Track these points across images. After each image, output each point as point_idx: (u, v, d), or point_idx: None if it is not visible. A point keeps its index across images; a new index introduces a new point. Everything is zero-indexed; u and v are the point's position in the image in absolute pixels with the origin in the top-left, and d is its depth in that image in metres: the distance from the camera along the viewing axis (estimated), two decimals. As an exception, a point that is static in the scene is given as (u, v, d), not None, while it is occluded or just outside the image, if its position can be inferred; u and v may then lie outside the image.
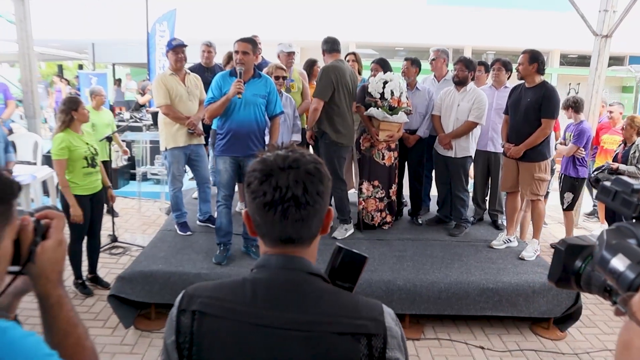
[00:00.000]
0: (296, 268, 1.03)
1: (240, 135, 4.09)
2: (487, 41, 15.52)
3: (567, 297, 3.98)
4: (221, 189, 4.24)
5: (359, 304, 1.03)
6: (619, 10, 6.20)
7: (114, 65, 20.00)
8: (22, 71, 7.47)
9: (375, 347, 0.98)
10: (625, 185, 0.81)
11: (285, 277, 1.02)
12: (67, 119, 4.05)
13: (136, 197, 6.95)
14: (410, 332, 3.90)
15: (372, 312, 1.02)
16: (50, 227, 0.99)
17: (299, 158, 1.01)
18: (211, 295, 1.03)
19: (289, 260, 1.04)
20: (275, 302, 1.00)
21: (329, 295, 1.03)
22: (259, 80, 4.14)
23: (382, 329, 1.00)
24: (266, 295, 1.01)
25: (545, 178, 4.57)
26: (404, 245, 4.71)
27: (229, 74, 4.14)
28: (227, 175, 4.19)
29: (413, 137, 5.16)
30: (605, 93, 7.82)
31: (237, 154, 4.13)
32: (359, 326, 0.98)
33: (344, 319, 0.99)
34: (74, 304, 1.02)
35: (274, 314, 0.98)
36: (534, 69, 4.37)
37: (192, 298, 1.04)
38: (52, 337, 0.97)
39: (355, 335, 0.98)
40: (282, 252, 1.04)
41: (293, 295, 1.00)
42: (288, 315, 0.98)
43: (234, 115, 4.07)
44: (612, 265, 0.71)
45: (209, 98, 4.15)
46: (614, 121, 6.51)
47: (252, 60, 4.08)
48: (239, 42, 4.03)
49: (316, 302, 1.00)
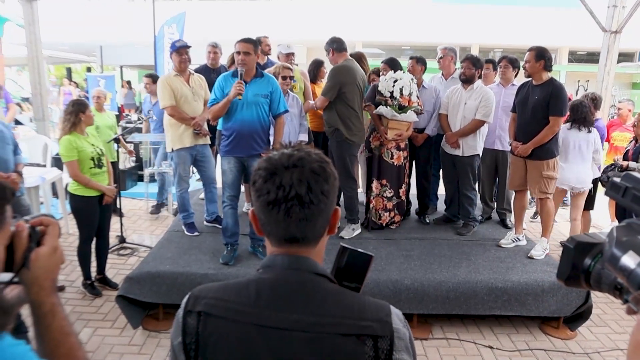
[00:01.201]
0: (301, 268, 1.02)
1: (243, 135, 4.09)
2: (495, 39, 15.46)
3: (577, 296, 3.94)
4: (226, 189, 4.25)
5: (365, 305, 1.02)
6: (628, 6, 6.14)
7: (122, 67, 20.12)
8: (31, 74, 7.53)
9: (382, 349, 0.97)
10: (636, 181, 0.79)
11: (290, 278, 1.01)
12: (74, 121, 4.08)
13: (144, 198, 6.97)
14: (418, 332, 3.89)
15: (379, 313, 1.01)
16: (46, 234, 0.98)
17: (304, 157, 1.00)
18: (216, 296, 1.03)
19: (294, 260, 1.03)
20: (280, 303, 0.99)
21: (334, 296, 1.01)
22: (262, 80, 4.13)
23: (389, 330, 0.98)
24: (270, 296, 1.00)
25: (554, 176, 4.53)
26: (412, 244, 4.69)
27: (231, 74, 4.14)
28: (231, 175, 4.19)
29: (421, 136, 5.14)
30: (614, 90, 7.75)
31: (241, 154, 4.13)
32: (364, 327, 0.97)
33: (348, 320, 0.98)
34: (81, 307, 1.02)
35: (278, 315, 0.98)
36: (541, 66, 4.33)
37: (198, 299, 1.04)
38: (44, 346, 0.96)
39: (360, 336, 0.96)
40: (287, 251, 1.03)
41: (297, 296, 1.00)
42: (292, 316, 0.97)
43: (237, 116, 4.07)
44: (622, 263, 0.69)
45: (211, 99, 4.16)
46: (624, 118, 6.45)
47: (253, 61, 4.06)
48: (240, 42, 4.03)
49: (321, 303, 0.99)
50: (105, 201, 4.26)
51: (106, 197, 4.26)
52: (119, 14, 15.34)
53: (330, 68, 4.75)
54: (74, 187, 4.14)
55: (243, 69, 3.98)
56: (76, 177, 4.10)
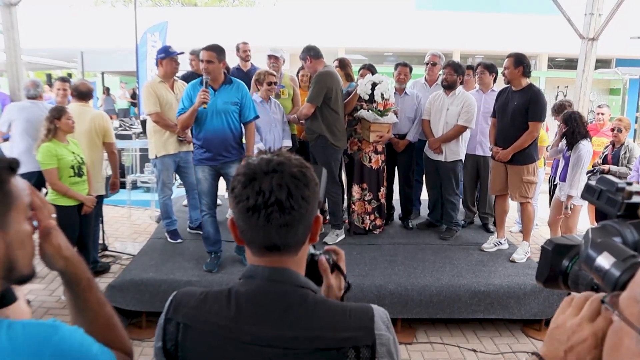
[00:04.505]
0: (282, 281, 1.00)
1: (214, 144, 4.04)
2: (476, 45, 15.61)
3: (558, 298, 3.99)
4: (203, 198, 4.22)
5: (347, 313, 1.00)
6: (604, 14, 6.25)
7: (103, 73, 19.90)
8: (9, 80, 7.40)
9: (364, 358, 0.96)
10: (610, 183, 0.81)
11: (270, 291, 1.00)
12: (50, 128, 4.01)
13: (126, 206, 6.90)
14: (402, 337, 3.90)
15: (362, 320, 0.99)
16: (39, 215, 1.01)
17: (284, 162, 0.99)
18: (196, 306, 1.02)
19: (274, 272, 1.01)
20: (259, 318, 0.98)
21: (315, 309, 0.99)
22: (231, 87, 4.07)
23: (371, 338, 0.97)
24: (250, 310, 0.99)
25: (534, 180, 4.59)
26: (395, 249, 4.71)
27: (198, 82, 4.06)
28: (206, 183, 4.16)
29: (402, 142, 5.18)
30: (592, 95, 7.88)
31: (213, 162, 4.10)
32: (345, 340, 0.96)
33: (328, 332, 0.97)
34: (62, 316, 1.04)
35: (257, 330, 0.97)
36: (520, 72, 4.40)
37: (178, 307, 1.03)
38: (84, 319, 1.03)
39: (340, 349, 0.96)
40: (269, 261, 1.01)
41: (277, 310, 0.98)
42: (271, 332, 0.96)
43: (207, 125, 4.03)
44: (597, 264, 0.71)
45: (180, 109, 4.08)
46: (602, 124, 6.56)
47: (218, 69, 3.98)
48: (203, 50, 3.96)
49: (300, 317, 0.98)
50: (84, 211, 4.19)
51: (85, 207, 4.19)
52: (100, 20, 15.19)
53: (315, 74, 4.71)
54: (52, 196, 4.05)
55: (208, 77, 3.93)
56: (55, 185, 4.03)
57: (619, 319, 0.62)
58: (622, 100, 13.75)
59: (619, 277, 0.67)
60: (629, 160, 5.15)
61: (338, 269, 1.18)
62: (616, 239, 0.74)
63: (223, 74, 4.08)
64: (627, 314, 0.61)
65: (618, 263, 0.68)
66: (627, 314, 0.61)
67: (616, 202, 0.79)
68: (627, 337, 0.61)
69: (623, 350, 0.62)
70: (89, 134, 4.57)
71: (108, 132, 4.73)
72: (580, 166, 4.56)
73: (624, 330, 0.61)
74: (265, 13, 15.09)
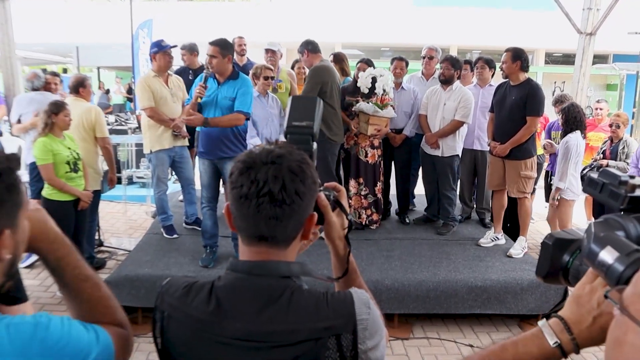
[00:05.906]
0: (264, 274, 0.99)
1: (212, 138, 4.07)
2: (473, 40, 15.62)
3: (555, 294, 3.99)
4: (203, 191, 4.27)
5: (327, 303, 0.98)
6: (602, 9, 6.25)
7: (99, 68, 19.82)
8: (4, 76, 7.35)
9: (345, 345, 0.95)
10: (613, 177, 0.79)
11: (249, 285, 0.99)
12: (47, 122, 3.98)
13: (122, 201, 6.87)
14: (399, 332, 3.89)
15: (342, 308, 0.98)
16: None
17: (284, 154, 0.97)
18: (179, 297, 1.02)
19: (255, 266, 1.00)
20: (237, 312, 0.97)
21: (293, 300, 0.98)
22: (235, 82, 4.06)
23: (352, 324, 0.96)
24: (229, 305, 0.98)
25: (532, 175, 4.58)
26: (392, 244, 4.70)
27: (203, 76, 4.13)
28: (206, 176, 4.21)
29: (399, 137, 5.16)
30: (590, 91, 7.88)
31: (211, 157, 4.12)
32: (323, 330, 0.95)
33: (307, 324, 0.95)
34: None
35: (234, 325, 0.96)
36: (518, 67, 4.38)
37: (164, 297, 1.04)
38: (67, 301, 1.03)
39: (319, 339, 0.94)
40: (256, 252, 1.00)
41: (255, 305, 0.97)
42: (248, 326, 0.96)
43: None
44: (600, 258, 0.69)
45: (187, 100, 4.25)
46: (600, 119, 6.55)
47: (221, 63, 3.98)
48: (209, 45, 4.02)
49: (278, 310, 0.96)
50: (80, 206, 4.17)
51: (82, 202, 4.17)
52: (96, 14, 15.13)
53: (311, 69, 4.71)
54: (48, 191, 4.03)
55: (209, 71, 4.02)
56: (51, 180, 4.00)
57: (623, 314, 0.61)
58: (619, 96, 13.78)
59: (623, 272, 0.66)
60: (627, 156, 5.15)
61: (340, 206, 1.15)
62: (619, 233, 0.73)
63: (231, 68, 4.08)
64: (632, 310, 0.59)
65: (622, 257, 0.67)
66: (633, 310, 0.59)
67: (619, 195, 0.77)
68: (632, 333, 0.60)
69: (627, 346, 0.61)
70: (77, 128, 4.51)
71: (98, 126, 4.66)
72: (567, 158, 4.52)
73: (628, 325, 0.60)
74: (262, 8, 15.04)
